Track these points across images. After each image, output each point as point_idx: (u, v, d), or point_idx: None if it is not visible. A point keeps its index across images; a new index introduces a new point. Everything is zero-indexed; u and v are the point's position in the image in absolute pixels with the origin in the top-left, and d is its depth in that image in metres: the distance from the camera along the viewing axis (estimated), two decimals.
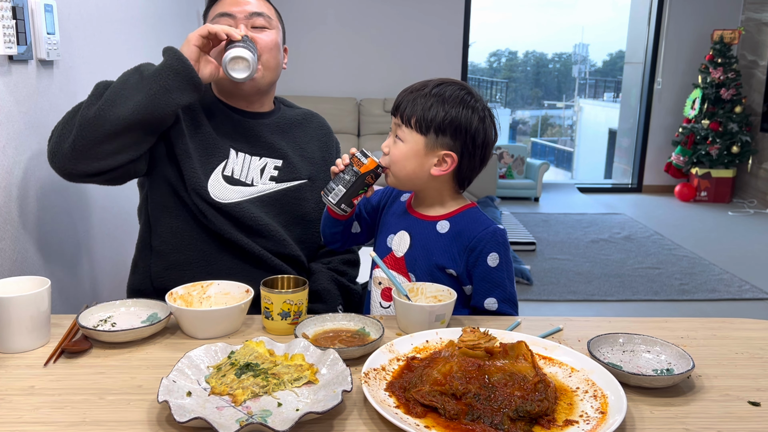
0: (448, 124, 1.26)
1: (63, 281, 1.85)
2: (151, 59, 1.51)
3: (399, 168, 1.31)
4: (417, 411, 0.89)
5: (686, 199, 6.56)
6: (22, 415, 0.89)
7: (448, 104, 1.27)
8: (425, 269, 1.33)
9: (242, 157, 1.51)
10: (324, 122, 1.70)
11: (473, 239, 1.30)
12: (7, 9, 1.51)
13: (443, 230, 1.34)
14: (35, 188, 1.69)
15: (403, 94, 1.33)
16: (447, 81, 1.32)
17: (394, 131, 1.33)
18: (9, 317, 1.06)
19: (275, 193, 1.53)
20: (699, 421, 0.91)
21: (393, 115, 1.34)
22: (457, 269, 1.32)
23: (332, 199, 1.30)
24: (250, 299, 1.19)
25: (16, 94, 1.59)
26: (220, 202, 1.46)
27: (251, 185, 1.51)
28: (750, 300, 3.79)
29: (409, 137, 1.29)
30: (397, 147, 1.31)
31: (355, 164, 1.28)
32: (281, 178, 1.54)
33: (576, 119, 17.14)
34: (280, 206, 1.53)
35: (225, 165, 1.49)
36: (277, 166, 1.54)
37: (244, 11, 1.48)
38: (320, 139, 1.65)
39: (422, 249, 1.34)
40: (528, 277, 3.93)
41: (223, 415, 0.88)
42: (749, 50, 6.49)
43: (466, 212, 1.35)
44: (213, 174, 1.48)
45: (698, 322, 1.28)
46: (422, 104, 1.28)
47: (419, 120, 1.27)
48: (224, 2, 1.50)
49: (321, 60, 6.27)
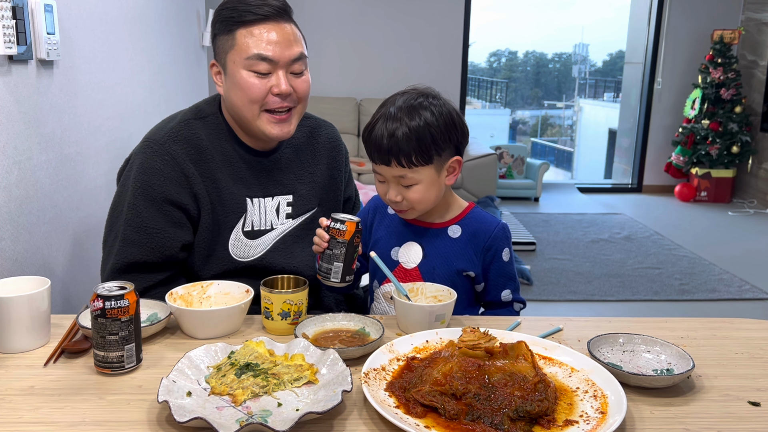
0: (444, 136, 1.26)
1: (63, 281, 1.85)
2: (151, 59, 1.51)
3: (424, 204, 1.30)
4: (417, 411, 0.89)
5: (686, 199, 6.56)
6: (22, 415, 0.89)
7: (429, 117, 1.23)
8: (445, 276, 1.33)
9: (258, 204, 1.44)
10: (332, 133, 1.62)
11: (488, 238, 1.34)
12: (7, 9, 1.51)
13: (455, 234, 1.34)
14: (35, 188, 1.69)
15: (377, 139, 1.25)
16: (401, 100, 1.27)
17: (393, 180, 1.28)
18: (9, 317, 1.06)
19: (293, 230, 1.49)
20: (699, 421, 0.91)
21: (382, 164, 1.26)
22: (475, 270, 1.34)
23: (334, 279, 1.24)
24: (250, 299, 1.19)
25: (16, 94, 1.59)
26: (242, 262, 1.43)
27: (271, 229, 1.46)
28: (750, 300, 3.79)
29: (420, 175, 1.26)
30: (412, 191, 1.27)
31: (337, 236, 1.22)
32: (295, 213, 1.50)
33: (576, 119, 17.14)
34: (299, 239, 1.50)
35: (244, 220, 1.43)
36: (289, 201, 1.49)
37: (286, 57, 1.34)
38: (329, 155, 1.58)
39: (439, 257, 1.34)
40: (528, 277, 3.93)
41: (223, 415, 0.88)
42: (749, 50, 6.49)
43: (471, 213, 1.37)
44: (233, 233, 1.42)
45: (698, 322, 1.28)
46: (409, 137, 1.22)
47: (418, 154, 1.24)
48: (259, 38, 1.32)
49: (321, 60, 6.27)
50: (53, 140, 1.80)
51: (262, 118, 1.36)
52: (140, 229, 1.34)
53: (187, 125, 1.41)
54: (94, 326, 1.00)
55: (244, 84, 1.33)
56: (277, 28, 1.33)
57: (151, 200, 1.35)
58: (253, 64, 1.32)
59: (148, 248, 1.34)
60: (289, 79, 1.35)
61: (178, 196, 1.36)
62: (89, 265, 2.01)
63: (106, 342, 0.99)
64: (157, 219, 1.35)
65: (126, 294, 1.00)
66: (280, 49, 1.33)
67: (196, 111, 1.45)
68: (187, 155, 1.38)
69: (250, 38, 1.32)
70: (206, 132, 1.42)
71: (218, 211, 1.40)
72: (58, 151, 1.84)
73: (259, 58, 1.32)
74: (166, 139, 1.38)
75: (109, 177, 2.15)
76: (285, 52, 1.33)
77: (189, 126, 1.41)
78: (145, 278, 1.35)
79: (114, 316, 0.99)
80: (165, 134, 1.39)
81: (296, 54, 1.35)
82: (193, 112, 1.45)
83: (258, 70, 1.33)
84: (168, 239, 1.36)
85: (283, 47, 1.33)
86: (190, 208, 1.38)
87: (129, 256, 1.34)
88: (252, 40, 1.32)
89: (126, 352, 1.01)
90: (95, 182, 2.11)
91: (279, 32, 1.33)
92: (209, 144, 1.41)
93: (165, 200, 1.35)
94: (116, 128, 2.34)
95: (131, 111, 2.52)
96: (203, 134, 1.41)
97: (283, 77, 1.34)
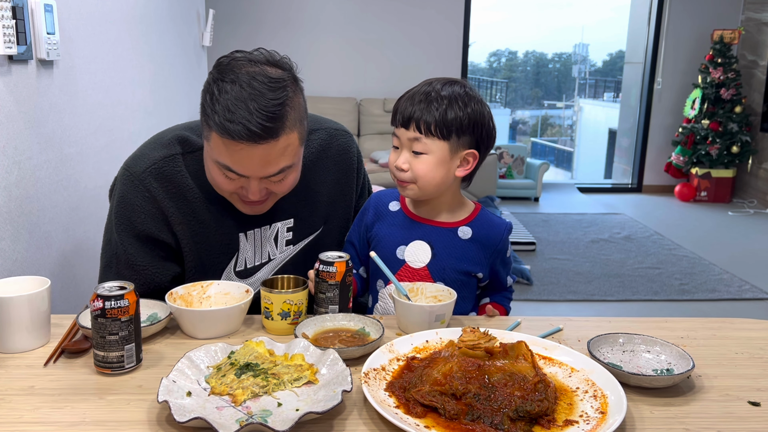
0: (467, 123, 1.26)
1: (63, 281, 1.85)
2: (150, 59, 1.51)
3: (428, 181, 1.28)
4: (417, 411, 0.89)
5: (686, 199, 6.56)
6: (22, 415, 0.89)
7: (461, 103, 1.25)
8: (454, 277, 1.33)
9: (252, 237, 1.34)
10: (344, 143, 1.47)
11: (499, 242, 1.35)
12: (7, 9, 1.51)
13: (466, 236, 1.34)
14: (35, 188, 1.69)
15: (406, 103, 1.27)
16: (444, 80, 1.30)
17: (407, 145, 1.28)
18: (9, 317, 1.06)
19: (294, 257, 1.40)
20: (699, 421, 0.91)
21: (402, 127, 1.27)
22: (483, 271, 1.35)
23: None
24: (250, 299, 1.19)
25: (16, 94, 1.59)
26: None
27: (268, 261, 1.37)
28: (750, 300, 3.79)
29: (432, 146, 1.26)
30: (420, 161, 1.26)
31: (328, 278, 1.19)
32: (297, 238, 1.40)
33: (576, 119, 17.14)
34: (301, 266, 1.38)
35: (236, 260, 1.33)
36: (290, 227, 1.38)
37: (260, 174, 1.18)
38: (338, 168, 1.45)
39: (449, 257, 1.33)
40: (528, 277, 3.93)
41: (223, 415, 0.88)
42: (749, 50, 6.49)
43: (480, 215, 1.37)
44: (224, 275, 1.33)
45: (698, 322, 1.28)
46: (437, 108, 1.24)
47: (439, 125, 1.24)
48: (232, 151, 1.14)
49: (321, 60, 6.27)
50: (53, 140, 1.80)
51: (234, 199, 1.27)
52: (128, 266, 1.28)
53: (171, 161, 1.29)
54: (94, 326, 1.00)
55: (214, 177, 1.22)
56: (257, 150, 1.14)
57: (134, 236, 1.28)
58: (222, 168, 1.19)
59: (139, 283, 1.26)
60: (265, 183, 1.22)
61: (159, 234, 1.28)
62: (89, 265, 2.01)
63: (106, 342, 0.99)
64: (143, 255, 1.28)
65: (126, 294, 1.00)
66: (255, 168, 1.17)
67: (183, 143, 1.31)
68: (167, 193, 1.27)
69: (224, 148, 1.15)
70: (193, 168, 1.30)
71: (205, 253, 1.31)
72: (58, 151, 1.84)
73: (229, 170, 1.18)
74: (146, 175, 1.27)
75: (109, 177, 2.14)
76: (261, 170, 1.18)
77: (173, 162, 1.29)
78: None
79: (114, 316, 0.99)
80: (146, 168, 1.28)
81: (274, 171, 1.19)
82: (180, 144, 1.31)
83: (228, 176, 1.20)
84: (156, 274, 1.30)
85: (260, 167, 1.17)
86: (173, 245, 1.30)
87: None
88: (224, 150, 1.15)
89: (126, 352, 1.01)
90: (95, 182, 2.11)
91: (257, 153, 1.15)
92: (194, 181, 1.29)
93: (147, 237, 1.28)
94: (116, 128, 2.34)
95: (131, 111, 2.52)
96: (188, 171, 1.29)
97: (256, 186, 1.21)
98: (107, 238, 1.33)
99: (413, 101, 1.26)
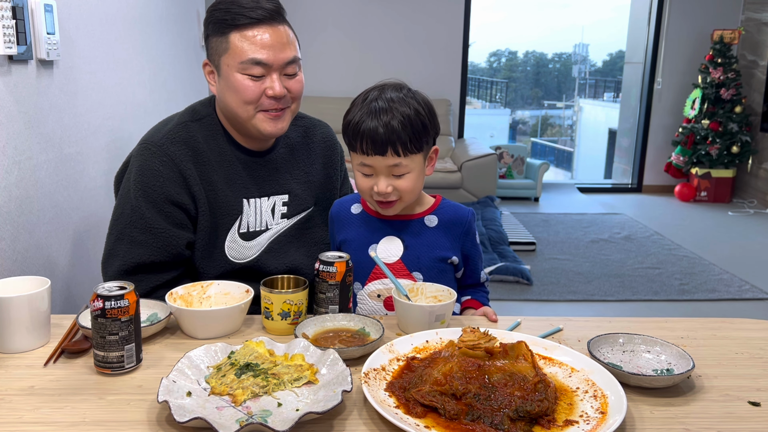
0: (429, 124, 1.29)
1: (63, 281, 1.85)
2: (151, 59, 1.52)
3: (413, 195, 1.32)
4: (417, 411, 0.89)
5: (686, 199, 6.55)
6: (22, 415, 0.89)
7: (419, 107, 1.27)
8: (429, 264, 1.35)
9: (254, 205, 1.46)
10: (327, 133, 1.64)
11: (465, 224, 1.38)
12: (7, 9, 1.51)
13: (432, 224, 1.37)
14: (35, 188, 1.69)
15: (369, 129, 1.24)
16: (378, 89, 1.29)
17: (384, 171, 1.27)
18: (9, 317, 1.06)
19: (288, 230, 1.51)
20: (699, 421, 0.91)
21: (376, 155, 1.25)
22: (456, 255, 1.37)
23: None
24: (250, 299, 1.19)
25: (16, 94, 1.59)
26: (238, 263, 1.44)
27: (266, 230, 1.48)
28: (750, 300, 3.79)
29: (412, 163, 1.28)
30: (404, 180, 1.28)
31: (329, 279, 1.20)
32: (291, 212, 1.51)
33: (576, 119, 17.14)
34: (294, 239, 1.52)
35: (240, 222, 1.44)
36: (285, 201, 1.50)
37: (280, 60, 1.35)
38: (324, 154, 1.60)
39: (421, 246, 1.35)
40: (528, 277, 3.93)
41: (223, 415, 0.88)
42: (749, 50, 6.48)
43: (443, 203, 1.40)
44: (229, 235, 1.43)
45: (698, 322, 1.28)
46: (405, 125, 1.24)
47: (413, 141, 1.26)
48: (253, 42, 1.33)
49: (321, 60, 6.27)
50: (53, 140, 1.80)
51: (257, 117, 1.38)
52: (145, 230, 1.35)
53: (184, 127, 1.42)
54: (94, 326, 1.00)
55: (238, 86, 1.35)
56: (270, 31, 1.34)
57: (152, 202, 1.36)
58: (247, 68, 1.34)
59: (155, 248, 1.35)
60: (282, 80, 1.37)
61: (179, 197, 1.37)
62: (89, 265, 2.01)
63: (106, 342, 0.99)
64: (160, 220, 1.36)
65: (126, 294, 1.00)
66: (274, 52, 1.34)
67: (192, 113, 1.46)
68: (185, 157, 1.39)
69: (245, 42, 1.33)
70: (202, 134, 1.43)
71: (215, 214, 1.42)
72: (58, 151, 1.84)
73: (254, 63, 1.33)
74: (164, 141, 1.39)
75: (109, 177, 2.15)
76: (279, 55, 1.35)
77: (186, 128, 1.42)
78: (152, 279, 1.36)
79: (114, 316, 0.99)
80: (162, 136, 1.40)
81: (290, 57, 1.37)
82: (189, 114, 1.46)
83: (252, 74, 1.34)
84: (173, 238, 1.37)
85: (277, 51, 1.35)
86: (190, 208, 1.39)
87: (136, 257, 1.35)
88: (246, 44, 1.33)
89: (126, 352, 1.01)
90: (95, 182, 2.11)
91: (273, 35, 1.34)
92: (206, 146, 1.42)
93: (166, 201, 1.37)
94: (116, 128, 2.34)
95: (131, 111, 2.52)
96: (200, 136, 1.42)
97: (277, 80, 1.36)
98: (119, 212, 1.40)
99: (377, 126, 1.24)
